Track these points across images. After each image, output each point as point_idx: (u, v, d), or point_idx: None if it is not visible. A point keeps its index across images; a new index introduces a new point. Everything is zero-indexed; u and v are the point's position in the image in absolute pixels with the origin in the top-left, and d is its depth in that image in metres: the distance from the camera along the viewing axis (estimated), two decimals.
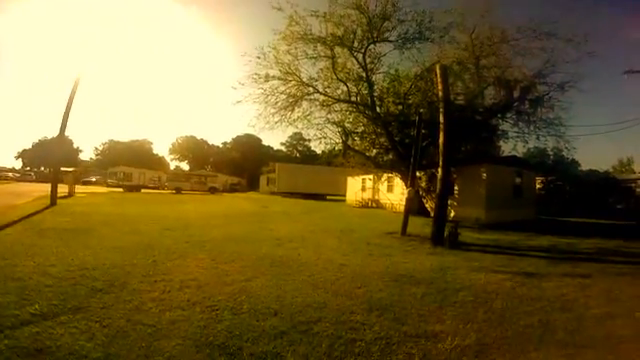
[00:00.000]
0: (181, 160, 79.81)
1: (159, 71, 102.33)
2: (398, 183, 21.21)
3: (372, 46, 17.21)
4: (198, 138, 79.47)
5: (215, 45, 69.50)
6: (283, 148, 78.19)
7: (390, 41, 17.42)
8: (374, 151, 19.89)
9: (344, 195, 29.98)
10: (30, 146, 68.89)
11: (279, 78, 18.02)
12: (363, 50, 17.26)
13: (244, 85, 18.10)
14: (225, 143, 79.93)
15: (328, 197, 33.48)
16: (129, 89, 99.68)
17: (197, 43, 69.33)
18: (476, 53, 15.77)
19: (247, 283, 4.27)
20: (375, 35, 16.72)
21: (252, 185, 54.06)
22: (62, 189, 18.22)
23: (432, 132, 15.40)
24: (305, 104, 19.25)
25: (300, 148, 77.62)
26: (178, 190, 32.09)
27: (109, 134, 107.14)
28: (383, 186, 22.76)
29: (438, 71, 11.10)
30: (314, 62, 18.09)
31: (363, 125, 19.75)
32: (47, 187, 13.72)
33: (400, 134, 18.44)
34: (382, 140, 19.74)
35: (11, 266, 4.24)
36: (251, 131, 57.50)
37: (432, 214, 17.90)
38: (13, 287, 3.44)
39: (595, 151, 68.41)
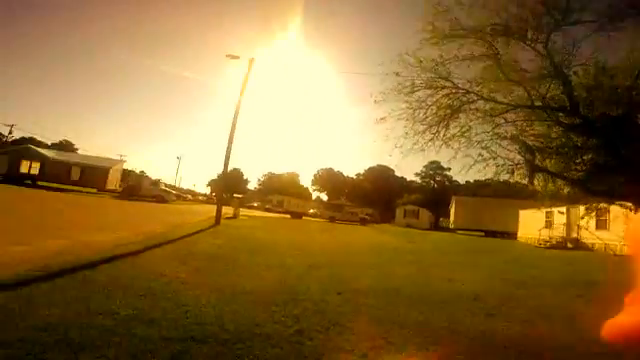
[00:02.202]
0: (321, 191, 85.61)
1: (306, 106, 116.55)
2: (618, 216, 14.23)
3: (554, 34, 12.36)
4: (335, 170, 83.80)
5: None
6: (417, 179, 72.26)
7: (585, 22, 12.11)
8: (579, 172, 13.87)
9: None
10: (216, 176, 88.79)
11: (427, 87, 15.31)
12: (544, 40, 12.60)
13: (385, 100, 16.25)
14: (358, 174, 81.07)
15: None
16: (285, 126, 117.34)
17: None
18: None
19: None
20: (561, 17, 11.91)
21: (383, 217, 51.43)
22: (230, 211, 20.53)
23: None
24: (462, 117, 15.63)
25: (438, 178, 69.79)
26: (332, 219, 34.11)
27: (270, 167, 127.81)
28: (590, 221, 15.76)
29: None
30: (468, 65, 14.52)
31: (555, 137, 14.29)
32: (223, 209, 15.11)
33: (630, 144, 12.14)
34: (590, 156, 13.67)
35: (77, 328, 2.59)
36: (384, 162, 55.69)
37: None
38: None
39: None
